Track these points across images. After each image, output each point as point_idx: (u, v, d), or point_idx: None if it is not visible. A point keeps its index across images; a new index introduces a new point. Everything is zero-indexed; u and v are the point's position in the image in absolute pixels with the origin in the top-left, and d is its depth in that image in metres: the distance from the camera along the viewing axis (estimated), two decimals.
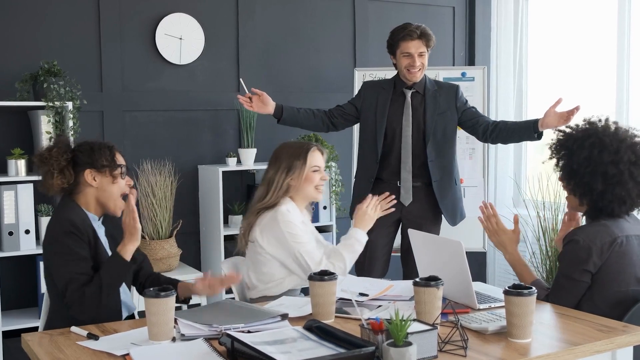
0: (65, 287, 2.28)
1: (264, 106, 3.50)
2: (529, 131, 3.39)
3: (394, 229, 3.57)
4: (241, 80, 3.65)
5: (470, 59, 5.26)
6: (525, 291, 1.96)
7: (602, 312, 2.29)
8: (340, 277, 2.32)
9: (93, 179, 2.44)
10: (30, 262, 3.83)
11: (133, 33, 4.20)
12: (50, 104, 3.63)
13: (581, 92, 4.61)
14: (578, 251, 2.36)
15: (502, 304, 2.09)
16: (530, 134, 3.39)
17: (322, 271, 2.22)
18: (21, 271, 3.88)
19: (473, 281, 2.33)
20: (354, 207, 3.39)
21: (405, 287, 2.47)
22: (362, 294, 2.43)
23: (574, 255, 2.37)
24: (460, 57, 5.25)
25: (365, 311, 2.22)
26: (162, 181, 4.04)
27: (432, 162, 3.50)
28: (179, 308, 2.17)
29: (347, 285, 2.41)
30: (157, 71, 4.28)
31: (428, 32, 3.47)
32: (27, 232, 3.66)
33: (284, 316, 2.14)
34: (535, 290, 1.98)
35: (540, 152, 2.66)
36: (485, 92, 4.54)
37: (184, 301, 2.57)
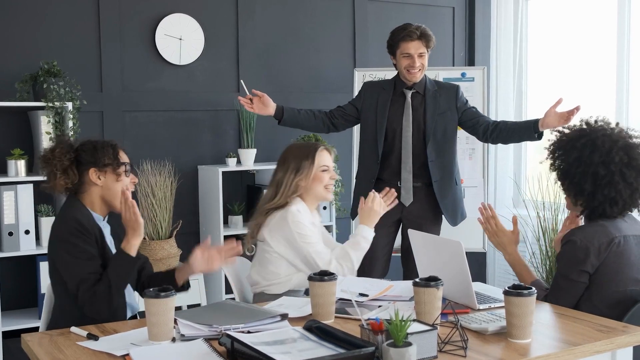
0: (77, 287, 2.29)
1: (265, 107, 3.50)
2: (529, 131, 3.39)
3: (394, 229, 3.57)
4: (242, 82, 3.65)
5: (470, 59, 5.26)
6: (525, 291, 1.96)
7: (600, 312, 2.29)
8: (340, 277, 2.32)
9: (97, 177, 2.44)
10: (30, 263, 3.83)
11: (133, 33, 4.20)
12: (50, 105, 3.63)
13: (581, 92, 4.61)
14: (576, 252, 2.36)
15: (502, 304, 2.09)
16: (531, 134, 3.40)
17: (322, 271, 2.22)
18: (21, 271, 3.88)
19: (473, 281, 2.33)
20: (355, 207, 3.38)
21: (405, 287, 2.47)
22: (362, 294, 2.42)
23: (571, 256, 2.37)
24: (460, 58, 5.25)
25: (365, 311, 2.22)
26: (162, 181, 4.03)
27: (433, 162, 3.50)
28: (179, 308, 2.17)
29: (347, 286, 2.41)
30: (157, 71, 4.28)
31: (428, 33, 3.47)
32: (27, 232, 3.66)
33: (284, 316, 2.14)
34: (535, 291, 1.98)
35: (540, 153, 2.67)
36: (485, 92, 4.54)
37: (184, 287, 2.56)
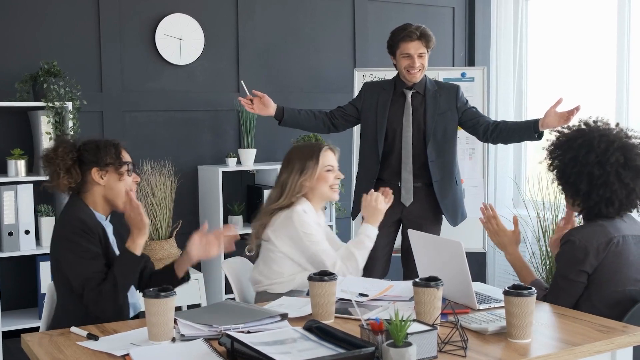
0: (82, 287, 2.30)
1: (265, 108, 3.50)
2: (530, 131, 3.39)
3: (394, 229, 3.57)
4: (242, 82, 3.65)
5: (470, 59, 5.26)
6: (525, 291, 1.96)
7: (600, 312, 2.29)
8: (340, 277, 2.32)
9: (100, 177, 2.44)
10: (30, 263, 3.83)
11: (133, 33, 4.20)
12: (50, 105, 3.62)
13: (581, 92, 4.61)
14: (574, 251, 2.36)
15: (502, 304, 2.09)
16: (531, 134, 3.40)
17: (322, 271, 2.22)
18: (21, 271, 3.88)
19: (473, 281, 2.33)
20: (356, 208, 3.38)
21: (405, 287, 2.47)
22: (362, 295, 2.42)
23: (570, 256, 2.37)
24: (460, 58, 5.25)
25: (365, 311, 2.22)
26: (162, 181, 4.03)
27: (433, 162, 3.50)
28: (179, 308, 2.17)
29: (347, 286, 2.41)
30: (157, 71, 4.28)
31: (428, 33, 3.47)
32: (27, 232, 3.66)
33: (284, 316, 2.14)
34: (535, 291, 1.98)
35: (540, 153, 2.67)
36: (485, 92, 4.54)
37: (184, 279, 2.56)
